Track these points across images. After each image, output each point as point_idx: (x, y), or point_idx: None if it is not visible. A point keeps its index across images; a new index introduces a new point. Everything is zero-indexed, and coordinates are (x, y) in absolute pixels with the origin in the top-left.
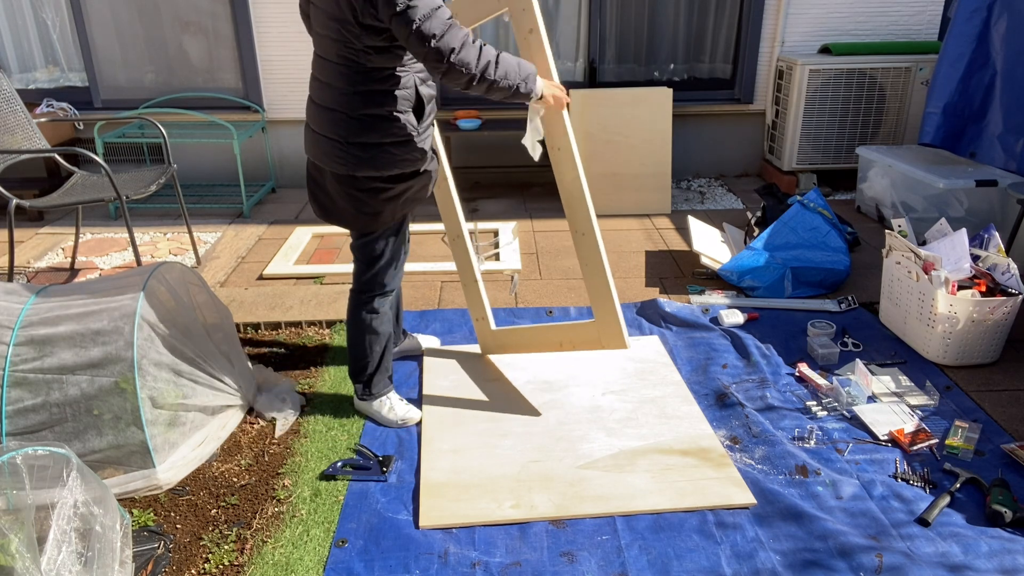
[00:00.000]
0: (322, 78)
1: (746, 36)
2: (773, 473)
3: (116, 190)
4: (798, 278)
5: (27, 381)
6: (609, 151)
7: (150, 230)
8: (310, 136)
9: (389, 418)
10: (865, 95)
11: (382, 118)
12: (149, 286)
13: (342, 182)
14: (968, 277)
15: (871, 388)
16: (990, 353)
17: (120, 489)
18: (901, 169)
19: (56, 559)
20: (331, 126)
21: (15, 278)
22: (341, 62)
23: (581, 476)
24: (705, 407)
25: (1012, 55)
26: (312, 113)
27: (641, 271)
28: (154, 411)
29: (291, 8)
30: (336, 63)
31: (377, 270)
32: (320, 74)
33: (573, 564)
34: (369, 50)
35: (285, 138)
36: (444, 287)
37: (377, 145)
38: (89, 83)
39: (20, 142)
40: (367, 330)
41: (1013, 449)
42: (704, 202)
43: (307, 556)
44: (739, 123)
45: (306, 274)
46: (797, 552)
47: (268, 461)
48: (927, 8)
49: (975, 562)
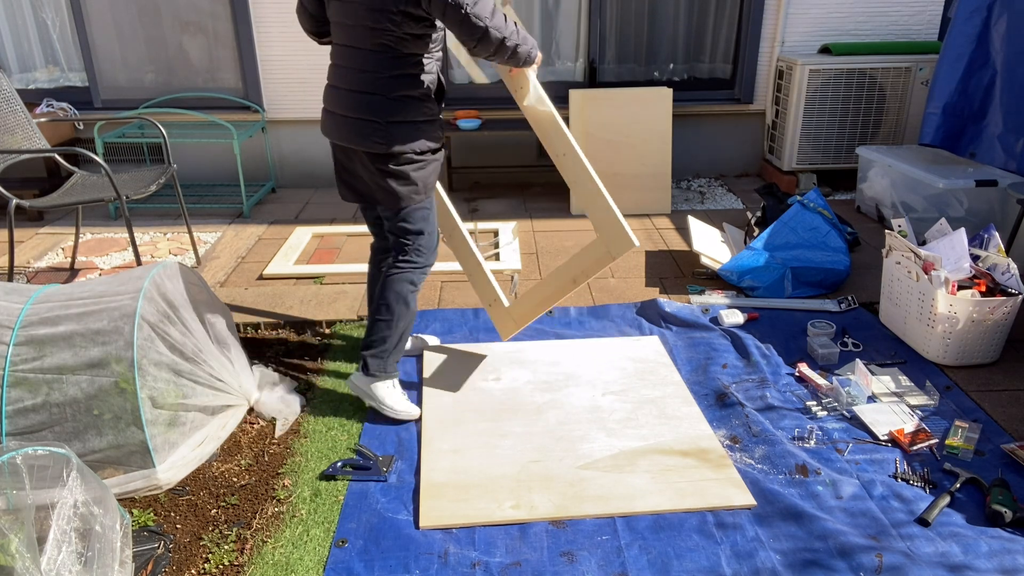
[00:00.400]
0: (354, 65)
1: (746, 36)
2: (773, 473)
3: (116, 190)
4: (798, 278)
5: (27, 381)
6: (609, 151)
7: (150, 230)
8: (337, 121)
9: (388, 403)
10: (865, 95)
11: (415, 99)
12: (149, 286)
13: (377, 160)
14: (968, 277)
15: (871, 388)
16: (990, 353)
17: (120, 489)
18: (901, 169)
19: (56, 559)
20: (367, 109)
21: (15, 278)
22: (378, 49)
23: (581, 476)
24: (705, 407)
25: (1012, 55)
26: (341, 99)
27: (641, 271)
28: (154, 411)
29: (291, 8)
30: (372, 50)
31: (417, 245)
32: (350, 62)
33: (573, 564)
34: (407, 37)
35: (285, 138)
36: (444, 287)
37: (412, 123)
38: (89, 83)
39: (20, 142)
40: (403, 304)
41: (1013, 449)
42: (704, 202)
43: (307, 556)
44: (739, 123)
45: (306, 274)
46: (797, 552)
47: (268, 461)
48: (927, 8)
49: (975, 562)
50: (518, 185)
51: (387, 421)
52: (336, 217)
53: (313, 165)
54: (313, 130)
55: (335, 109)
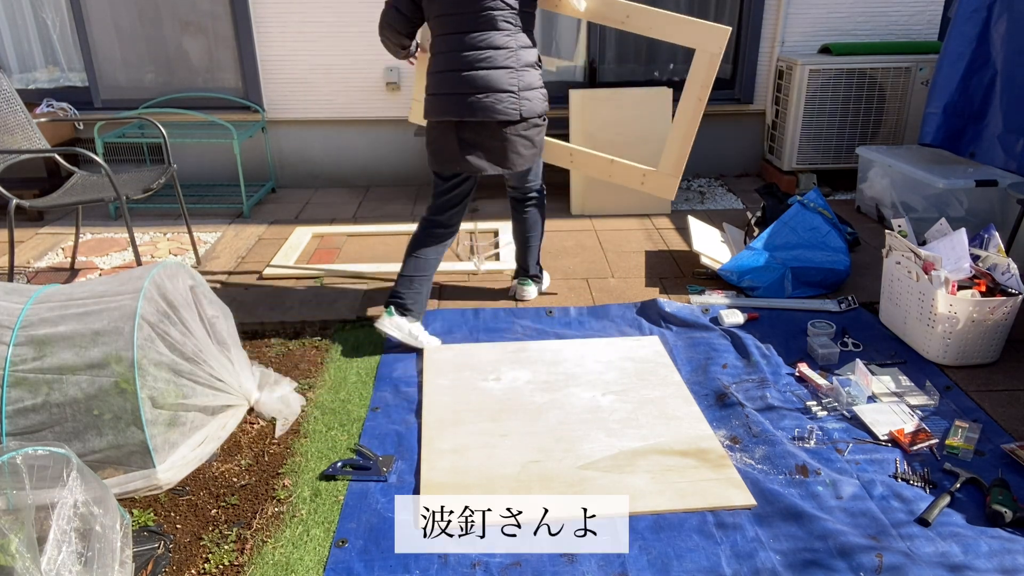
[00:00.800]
0: (481, 46)
1: (746, 36)
2: (773, 473)
3: (116, 190)
4: (798, 278)
5: (27, 381)
6: (609, 151)
7: (150, 230)
8: (467, 100)
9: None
10: (865, 95)
11: (533, 67)
12: (149, 286)
13: (511, 127)
14: (968, 277)
15: (871, 388)
16: (990, 353)
17: (120, 489)
18: (901, 169)
19: (56, 559)
20: (503, 82)
21: (15, 278)
22: (504, 28)
23: (581, 476)
24: (705, 407)
25: (1012, 55)
26: (472, 80)
27: (641, 271)
28: (154, 411)
29: (291, 8)
30: (499, 31)
31: (540, 186)
32: (478, 44)
33: (573, 564)
34: (525, 14)
35: (285, 138)
36: (444, 287)
37: (536, 90)
38: (89, 83)
39: (20, 142)
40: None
41: (1013, 449)
42: (704, 202)
43: (307, 556)
44: (739, 123)
45: (306, 274)
46: (797, 552)
47: (268, 461)
48: (927, 8)
49: (975, 562)
50: None
51: (388, 420)
52: (336, 217)
53: (313, 165)
54: (313, 130)
55: (465, 90)
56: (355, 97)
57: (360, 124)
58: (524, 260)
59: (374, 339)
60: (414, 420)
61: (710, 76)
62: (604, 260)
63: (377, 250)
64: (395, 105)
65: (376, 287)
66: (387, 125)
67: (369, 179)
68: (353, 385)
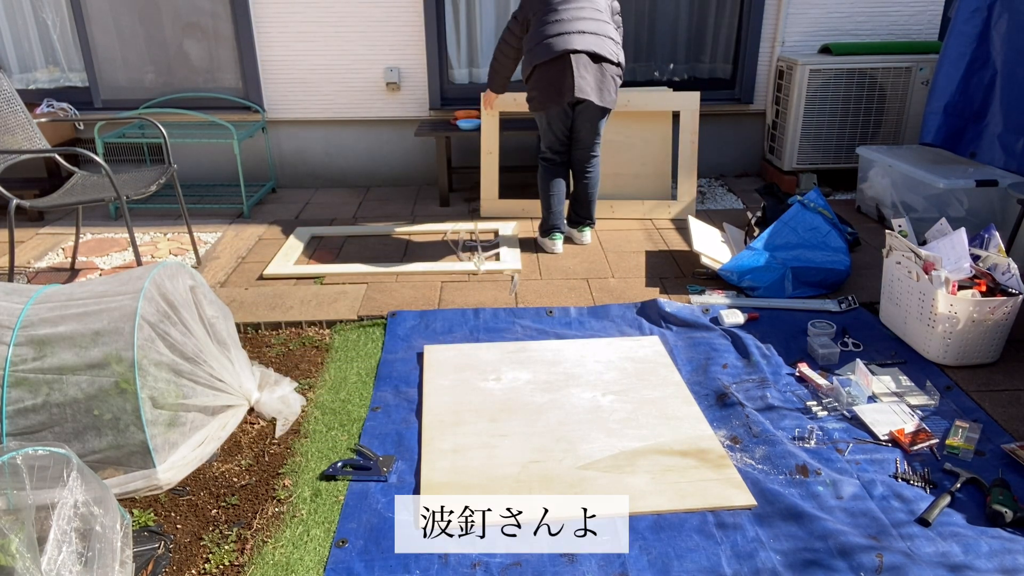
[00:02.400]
0: (601, 32)
1: (746, 36)
2: (773, 473)
3: (116, 190)
4: (798, 278)
5: (27, 381)
6: (609, 151)
7: (150, 230)
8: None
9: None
10: (865, 95)
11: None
12: (149, 286)
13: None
14: (968, 277)
15: (871, 388)
16: (990, 353)
17: (120, 489)
18: (901, 169)
19: (56, 559)
20: (615, 62)
21: (15, 278)
22: (611, 19)
23: (581, 477)
24: (705, 407)
25: (1012, 55)
26: (597, 66)
27: (641, 271)
28: (154, 411)
29: (291, 8)
30: (610, 21)
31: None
32: (598, 32)
33: (573, 564)
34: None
35: (285, 138)
36: (444, 287)
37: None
38: (89, 83)
39: (20, 142)
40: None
41: (1013, 449)
42: (704, 202)
43: (307, 556)
44: (739, 123)
45: (306, 274)
46: (797, 552)
47: (268, 461)
48: (927, 8)
49: (975, 562)
50: (518, 186)
51: (388, 420)
52: (336, 217)
53: (313, 165)
54: (313, 130)
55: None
56: (355, 97)
57: (360, 124)
58: (588, 212)
59: (374, 339)
60: (414, 420)
61: (695, 123)
62: (604, 260)
63: (377, 250)
64: (395, 105)
65: (376, 287)
66: (387, 125)
67: (369, 179)
68: (353, 385)
